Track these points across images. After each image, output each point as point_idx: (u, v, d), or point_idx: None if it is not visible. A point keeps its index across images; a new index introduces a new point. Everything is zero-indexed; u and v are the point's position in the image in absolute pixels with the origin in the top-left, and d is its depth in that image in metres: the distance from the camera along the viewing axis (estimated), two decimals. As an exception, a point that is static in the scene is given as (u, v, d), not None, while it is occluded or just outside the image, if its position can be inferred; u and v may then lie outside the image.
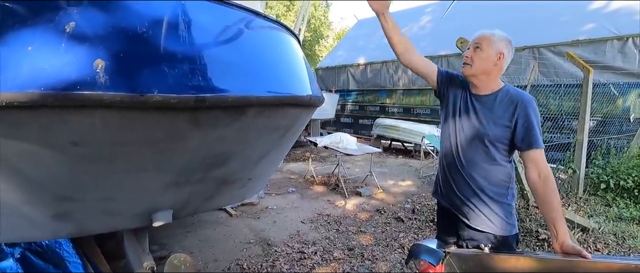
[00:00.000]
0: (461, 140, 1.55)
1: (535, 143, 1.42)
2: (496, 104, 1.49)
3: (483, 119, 1.49)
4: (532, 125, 1.44)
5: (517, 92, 1.52)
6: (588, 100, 4.55)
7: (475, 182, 1.54)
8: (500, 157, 1.51)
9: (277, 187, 5.39)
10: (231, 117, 1.20)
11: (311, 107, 1.66)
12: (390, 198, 4.89)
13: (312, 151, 7.94)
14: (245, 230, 3.71)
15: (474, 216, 1.58)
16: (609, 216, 3.97)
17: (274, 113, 1.34)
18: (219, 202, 1.93)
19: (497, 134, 1.47)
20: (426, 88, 9.05)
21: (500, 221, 1.54)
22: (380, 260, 3.07)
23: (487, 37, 1.51)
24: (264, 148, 1.56)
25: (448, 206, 1.67)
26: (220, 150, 1.34)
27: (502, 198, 1.54)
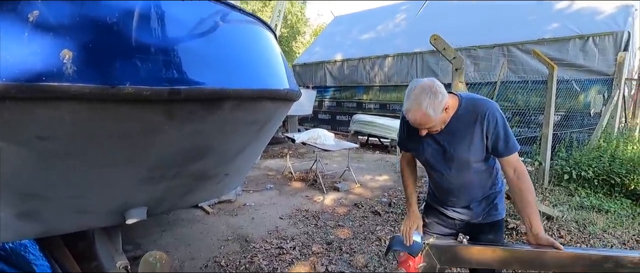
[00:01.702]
0: (445, 170, 1.56)
1: (510, 151, 1.46)
2: (461, 124, 1.45)
3: (459, 147, 1.48)
4: (502, 134, 1.44)
5: (478, 104, 1.46)
6: (553, 96, 4.79)
7: (467, 193, 1.61)
8: (483, 164, 1.56)
9: (255, 183, 5.36)
10: (207, 110, 1.18)
11: (288, 101, 1.66)
12: (368, 193, 4.97)
13: (290, 147, 7.93)
14: (222, 228, 3.67)
15: (467, 213, 1.66)
16: (571, 205, 4.21)
17: (251, 106, 1.33)
18: (195, 198, 1.90)
19: (477, 154, 1.49)
20: (402, 84, 9.22)
21: (490, 210, 1.65)
22: (358, 253, 3.12)
23: (426, 114, 1.34)
24: (241, 142, 1.55)
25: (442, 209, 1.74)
26: (196, 144, 1.31)
27: (490, 190, 1.63)
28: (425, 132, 1.43)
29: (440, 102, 1.33)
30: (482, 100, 1.49)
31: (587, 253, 1.21)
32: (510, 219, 3.51)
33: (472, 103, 1.46)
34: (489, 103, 1.46)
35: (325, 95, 11.11)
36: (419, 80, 1.38)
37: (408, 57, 9.02)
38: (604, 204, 4.17)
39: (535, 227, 1.40)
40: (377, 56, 9.69)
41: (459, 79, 3.58)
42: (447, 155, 1.51)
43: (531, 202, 1.44)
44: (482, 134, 1.44)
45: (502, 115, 1.46)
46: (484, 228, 1.66)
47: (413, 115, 1.35)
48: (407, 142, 1.64)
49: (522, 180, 1.44)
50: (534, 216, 1.42)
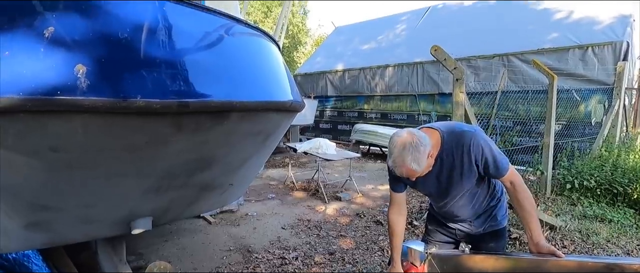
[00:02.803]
0: (442, 198, 1.61)
1: (501, 172, 1.47)
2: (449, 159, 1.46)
3: (452, 180, 1.50)
4: (490, 160, 1.44)
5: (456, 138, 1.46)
6: (553, 106, 4.82)
7: (467, 212, 1.64)
8: (478, 186, 1.58)
9: (257, 193, 5.36)
10: (214, 122, 1.21)
11: (292, 112, 1.69)
12: (370, 202, 4.97)
13: (292, 157, 7.94)
14: (224, 238, 3.67)
15: (468, 227, 1.70)
16: (574, 214, 4.19)
17: (256, 118, 1.35)
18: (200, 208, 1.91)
19: (470, 181, 1.51)
20: (403, 94, 9.28)
21: (490, 222, 1.67)
22: (361, 263, 3.11)
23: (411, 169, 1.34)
24: (247, 153, 1.57)
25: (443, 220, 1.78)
26: (203, 155, 1.34)
27: (489, 204, 1.65)
28: (415, 178, 1.43)
29: (423, 154, 1.33)
30: (462, 131, 1.48)
31: (588, 261, 1.22)
32: (513, 229, 3.50)
33: (454, 136, 1.46)
34: (470, 133, 1.46)
35: (327, 104, 11.17)
36: (400, 133, 1.37)
37: (409, 67, 9.09)
38: (607, 214, 4.16)
39: (535, 236, 1.41)
40: (378, 66, 9.77)
41: (460, 88, 3.62)
42: (441, 187, 1.56)
43: (530, 211, 1.46)
44: (472, 163, 1.46)
45: (485, 139, 1.46)
46: (486, 238, 1.69)
47: (399, 171, 1.36)
48: (398, 183, 1.66)
49: (519, 190, 1.47)
50: (534, 225, 1.44)
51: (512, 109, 6.82)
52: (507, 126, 6.96)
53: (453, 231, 1.76)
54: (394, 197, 1.69)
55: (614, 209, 4.35)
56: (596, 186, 4.68)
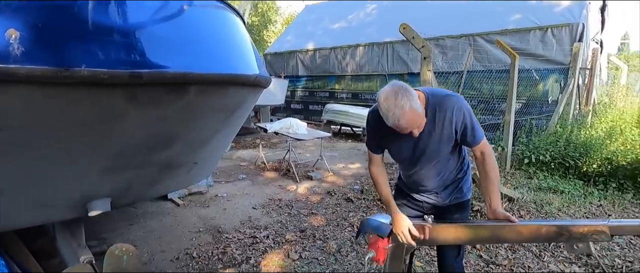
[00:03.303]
0: (416, 163, 1.61)
1: (478, 140, 1.51)
2: (430, 121, 1.45)
3: (429, 144, 1.51)
4: (469, 126, 1.47)
5: (444, 100, 1.46)
6: (515, 84, 5.02)
7: (435, 182, 1.66)
8: (451, 154, 1.61)
9: (227, 174, 5.28)
10: (172, 96, 1.14)
11: (258, 87, 1.63)
12: (341, 181, 5.03)
13: (263, 137, 7.85)
14: (194, 219, 3.60)
15: (435, 198, 1.73)
16: (530, 187, 4.47)
17: (218, 92, 1.30)
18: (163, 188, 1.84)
19: (446, 147, 1.54)
20: (373, 74, 9.33)
21: (456, 194, 1.71)
22: (331, 239, 3.17)
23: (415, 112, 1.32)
24: (210, 130, 1.51)
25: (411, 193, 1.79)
26: (162, 131, 1.27)
27: (456, 176, 1.69)
28: (416, 132, 1.39)
29: (416, 98, 1.32)
30: (446, 95, 1.49)
31: (539, 225, 1.30)
32: (475, 202, 3.67)
33: (438, 99, 1.47)
34: (454, 97, 1.48)
35: (298, 84, 11.06)
36: (385, 90, 1.34)
37: (379, 46, 9.11)
38: (560, 185, 4.46)
39: (494, 204, 1.48)
40: (348, 45, 9.73)
41: (427, 67, 3.67)
42: (417, 150, 1.55)
43: (494, 181, 1.52)
44: (452, 128, 1.47)
45: (468, 107, 1.49)
46: (451, 209, 1.73)
47: (404, 119, 1.30)
48: (377, 145, 1.65)
49: (488, 160, 1.53)
50: (495, 194, 1.51)
51: (476, 88, 7.06)
52: (472, 105, 7.18)
53: (420, 204, 1.79)
54: (372, 157, 1.71)
55: (565, 181, 4.67)
56: (551, 160, 5.00)
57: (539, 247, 2.95)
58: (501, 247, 2.95)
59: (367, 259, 1.68)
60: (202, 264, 2.75)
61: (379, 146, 1.66)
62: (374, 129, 1.59)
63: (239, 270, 2.64)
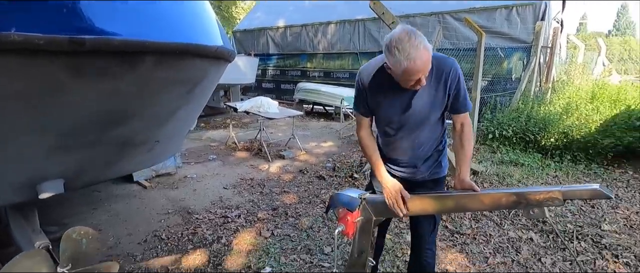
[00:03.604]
0: (404, 126, 1.57)
1: (466, 108, 1.53)
2: (426, 80, 1.40)
3: (422, 103, 1.49)
4: (462, 92, 1.48)
5: (441, 61, 1.45)
6: (481, 62, 5.14)
7: (418, 150, 1.64)
8: (437, 121, 1.60)
9: (197, 155, 5.15)
10: (124, 67, 1.05)
11: (220, 60, 1.56)
12: (313, 159, 5.05)
13: (233, 117, 7.68)
14: (162, 201, 3.51)
15: (413, 172, 1.70)
16: (494, 161, 4.68)
17: (176, 64, 1.21)
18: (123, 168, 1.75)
19: (437, 110, 1.53)
20: (345, 52, 9.27)
21: (435, 168, 1.70)
22: (304, 216, 3.19)
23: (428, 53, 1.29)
24: (170, 105, 1.44)
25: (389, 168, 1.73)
26: (115, 106, 1.18)
27: (437, 148, 1.68)
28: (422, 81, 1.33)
29: (428, 52, 1.28)
30: (444, 56, 1.49)
31: (500, 193, 1.36)
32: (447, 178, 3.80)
33: (437, 58, 1.44)
34: (451, 60, 1.47)
35: (269, 63, 10.82)
36: (396, 32, 1.28)
37: (350, 24, 9.02)
38: (520, 159, 4.71)
39: (462, 173, 1.52)
40: (320, 23, 9.57)
41: (397, 43, 3.66)
42: (409, 111, 1.51)
43: (467, 154, 1.57)
44: (446, 91, 1.47)
45: (462, 73, 1.49)
46: (428, 185, 1.72)
47: (420, 60, 1.25)
48: (367, 105, 1.59)
49: (466, 131, 1.56)
50: (465, 165, 1.55)
51: (445, 66, 7.18)
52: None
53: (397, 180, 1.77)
54: (361, 120, 1.66)
55: (526, 154, 4.93)
56: (513, 135, 5.24)
57: (500, 216, 3.11)
58: (465, 218, 3.09)
59: (337, 233, 1.69)
60: (172, 245, 2.69)
61: (369, 107, 1.59)
62: (367, 86, 1.53)
63: (210, 250, 2.62)
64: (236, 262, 2.47)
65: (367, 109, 1.60)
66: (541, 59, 6.99)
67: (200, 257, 2.53)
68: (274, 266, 2.41)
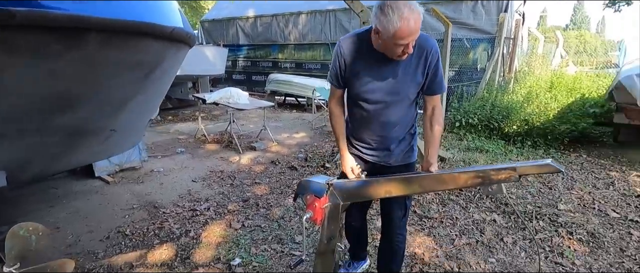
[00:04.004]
0: (382, 103, 1.56)
1: (441, 89, 1.54)
2: (406, 61, 1.44)
3: (401, 78, 1.48)
4: (439, 73, 1.50)
5: (423, 39, 1.45)
6: (448, 52, 5.26)
7: (392, 130, 1.63)
8: (412, 102, 1.61)
9: (164, 149, 4.97)
10: (64, 45, 0.97)
11: (179, 44, 1.48)
12: (285, 150, 5.01)
13: (203, 110, 7.46)
14: (126, 196, 3.36)
15: (386, 155, 1.69)
16: (460, 148, 4.83)
17: (127, 44, 1.13)
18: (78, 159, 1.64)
19: (414, 89, 1.53)
20: (316, 43, 9.22)
21: (407, 152, 1.71)
22: (275, 206, 3.16)
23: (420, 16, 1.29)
24: (125, 90, 1.35)
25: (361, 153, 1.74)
26: (59, 89, 1.09)
27: (409, 131, 1.69)
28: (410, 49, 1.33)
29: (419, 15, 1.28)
30: (426, 35, 1.48)
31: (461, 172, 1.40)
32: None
33: (419, 36, 1.42)
34: (432, 40, 1.48)
35: (239, 54, 10.58)
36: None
37: (321, 14, 8.97)
38: (485, 145, 4.89)
39: (430, 156, 1.55)
40: (290, 13, 9.44)
41: (366, 32, 3.67)
42: (387, 86, 1.50)
43: (437, 137, 1.59)
44: (424, 69, 1.47)
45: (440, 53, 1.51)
46: (400, 170, 1.73)
47: (413, 20, 1.24)
48: (344, 74, 1.56)
49: (437, 115, 1.57)
50: (434, 149, 1.57)
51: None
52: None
53: (368, 165, 1.75)
54: (335, 91, 1.66)
55: (490, 141, 5.13)
56: (478, 123, 5.43)
57: (465, 200, 3.22)
58: (433, 202, 3.17)
59: (305, 220, 1.67)
60: (137, 241, 2.59)
61: (344, 77, 1.57)
62: (346, 54, 1.51)
63: (178, 244, 2.54)
64: (205, 255, 2.41)
65: (342, 79, 1.58)
66: (504, 50, 7.25)
67: (167, 251, 2.45)
68: (244, 257, 2.37)
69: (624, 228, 2.77)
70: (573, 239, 2.59)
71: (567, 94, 6.67)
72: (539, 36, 10.96)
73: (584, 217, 2.92)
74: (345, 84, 1.59)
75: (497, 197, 3.19)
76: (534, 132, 5.19)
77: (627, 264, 2.31)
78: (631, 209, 3.11)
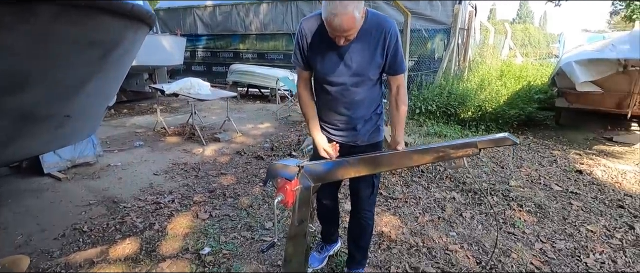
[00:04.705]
0: (344, 84, 1.57)
1: (402, 69, 1.58)
2: (365, 37, 1.47)
3: (360, 59, 1.51)
4: (399, 53, 1.53)
5: (382, 21, 1.49)
6: (407, 41, 5.43)
7: (358, 110, 1.65)
8: (376, 82, 1.64)
9: (120, 142, 4.71)
10: (9, 15, 0.89)
11: (139, 23, 1.40)
12: (250, 141, 4.94)
13: (162, 102, 7.16)
14: (81, 193, 3.16)
15: (353, 135, 1.72)
16: (420, 133, 5.04)
17: (82, 19, 1.06)
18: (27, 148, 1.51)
19: (375, 69, 1.55)
20: (278, 33, 9.11)
21: (374, 132, 1.74)
22: (243, 195, 3.13)
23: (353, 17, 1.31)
24: (80, 72, 1.26)
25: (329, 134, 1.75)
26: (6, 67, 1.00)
27: (375, 111, 1.72)
28: (343, 41, 1.38)
29: (361, 5, 1.31)
30: (384, 16, 1.52)
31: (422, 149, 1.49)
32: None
33: (376, 18, 1.48)
34: (391, 21, 1.51)
35: (198, 44, 10.20)
36: None
37: (283, 4, 8.86)
38: (443, 130, 5.14)
39: (397, 135, 1.62)
40: (251, 2, 9.23)
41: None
42: (347, 67, 1.53)
43: (402, 116, 1.65)
44: (384, 50, 1.50)
45: (398, 32, 1.54)
46: (367, 150, 1.76)
47: (340, 19, 1.27)
48: (307, 57, 1.57)
49: (401, 94, 1.62)
50: (400, 127, 1.64)
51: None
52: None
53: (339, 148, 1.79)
54: (300, 73, 1.67)
55: (448, 127, 5.40)
56: (436, 110, 5.69)
57: (427, 180, 3.38)
58: (397, 184, 3.30)
59: (276, 203, 1.67)
60: (96, 237, 2.46)
61: (306, 58, 1.57)
62: (306, 36, 1.52)
63: (142, 237, 2.44)
64: (172, 246, 2.34)
65: (304, 61, 1.59)
66: (459, 40, 7.61)
67: (130, 245, 2.35)
68: (213, 246, 2.33)
69: (566, 199, 3.06)
70: (523, 211, 2.82)
71: (515, 82, 7.15)
72: (490, 28, 11.60)
73: (531, 191, 3.18)
74: (309, 64, 1.60)
75: (456, 177, 3.39)
76: (486, 117, 5.53)
77: (569, 230, 2.56)
78: (571, 183, 3.44)
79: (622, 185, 3.40)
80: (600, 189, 3.28)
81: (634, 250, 2.31)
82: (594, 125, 5.74)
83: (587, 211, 2.85)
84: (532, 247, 2.34)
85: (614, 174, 3.66)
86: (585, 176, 3.62)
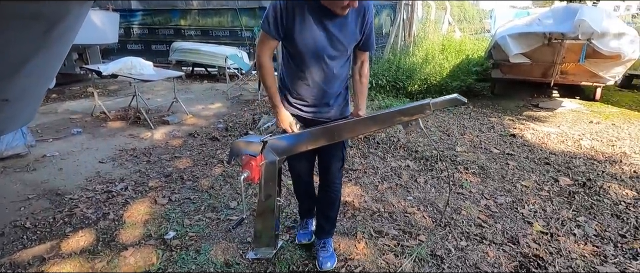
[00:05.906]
0: (325, 58, 1.57)
1: (371, 48, 1.67)
2: (348, 14, 1.49)
3: (344, 34, 1.54)
4: (373, 31, 1.62)
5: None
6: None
7: (332, 86, 1.67)
8: (349, 59, 1.70)
9: (54, 130, 4.28)
10: None
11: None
12: (202, 122, 4.76)
13: (97, 85, 6.54)
14: (16, 187, 2.85)
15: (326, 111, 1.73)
16: (372, 107, 5.22)
17: (25, -11, 0.94)
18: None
19: (352, 45, 1.61)
20: (223, 8, 8.67)
21: (344, 107, 1.78)
22: (202, 177, 3.05)
23: None
24: (21, 49, 1.12)
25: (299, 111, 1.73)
26: None
27: (344, 86, 1.76)
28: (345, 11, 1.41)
29: None
30: None
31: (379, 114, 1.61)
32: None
33: None
34: (371, 2, 1.57)
35: (133, 20, 9.37)
36: None
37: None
38: (394, 104, 5.38)
39: (360, 104, 1.71)
40: (191, -26, 8.62)
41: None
42: (330, 41, 1.53)
43: (365, 86, 1.77)
44: (362, 27, 1.56)
45: None
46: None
47: None
48: (285, 25, 1.49)
49: (365, 68, 1.74)
50: (363, 97, 1.75)
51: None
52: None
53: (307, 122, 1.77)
54: (269, 42, 1.56)
55: (397, 100, 5.65)
56: (386, 84, 5.91)
57: (383, 151, 3.56)
58: (356, 156, 3.43)
59: (242, 179, 1.67)
60: (43, 233, 2.26)
61: (284, 28, 1.50)
62: (290, 6, 1.46)
63: (96, 228, 2.29)
64: (132, 234, 2.24)
65: (282, 28, 1.50)
66: (404, 15, 7.86)
67: (84, 237, 2.20)
68: (178, 229, 2.27)
69: (503, 160, 3.43)
70: (469, 173, 3.11)
71: (455, 56, 7.61)
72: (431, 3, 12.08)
73: (475, 155, 3.51)
74: (284, 35, 1.53)
75: (408, 146, 3.61)
76: (432, 89, 5.88)
77: (507, 186, 2.89)
78: (507, 146, 3.84)
79: (548, 145, 3.87)
80: (531, 150, 3.71)
81: (559, 199, 2.68)
82: (523, 94, 6.38)
83: (521, 169, 3.22)
84: (478, 204, 2.61)
85: (541, 136, 4.15)
86: (518, 139, 4.06)
